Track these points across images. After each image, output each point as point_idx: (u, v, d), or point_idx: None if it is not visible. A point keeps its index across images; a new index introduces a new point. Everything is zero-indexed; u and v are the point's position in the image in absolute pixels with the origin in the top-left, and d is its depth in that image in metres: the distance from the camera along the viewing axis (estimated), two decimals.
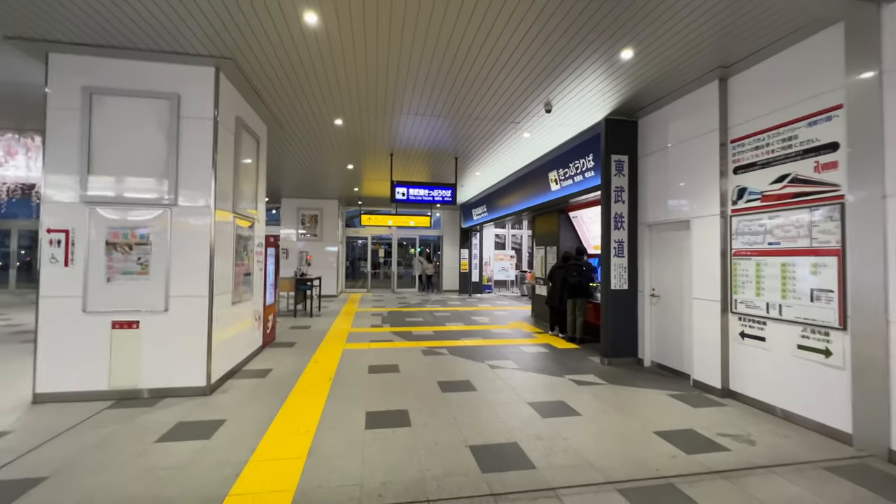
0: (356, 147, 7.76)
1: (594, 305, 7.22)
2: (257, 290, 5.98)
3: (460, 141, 7.29)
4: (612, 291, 5.75)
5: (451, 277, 16.79)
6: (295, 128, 6.65)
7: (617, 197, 5.79)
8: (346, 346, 6.71)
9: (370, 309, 11.29)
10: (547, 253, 8.79)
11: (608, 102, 5.43)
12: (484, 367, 5.56)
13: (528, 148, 7.50)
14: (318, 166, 9.44)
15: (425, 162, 8.77)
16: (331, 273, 14.35)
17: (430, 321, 9.34)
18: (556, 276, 7.59)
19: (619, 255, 5.79)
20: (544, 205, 8.38)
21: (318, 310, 10.81)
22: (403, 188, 8.11)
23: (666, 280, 5.44)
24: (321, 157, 8.53)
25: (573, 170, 6.91)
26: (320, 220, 14.42)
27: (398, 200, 8.09)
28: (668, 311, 5.40)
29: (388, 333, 7.81)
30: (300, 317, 9.64)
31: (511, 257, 17.24)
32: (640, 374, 5.29)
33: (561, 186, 7.45)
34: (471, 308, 11.77)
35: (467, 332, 8.11)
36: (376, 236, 18.29)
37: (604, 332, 5.83)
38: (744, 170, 4.29)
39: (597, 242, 7.83)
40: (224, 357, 4.75)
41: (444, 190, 8.28)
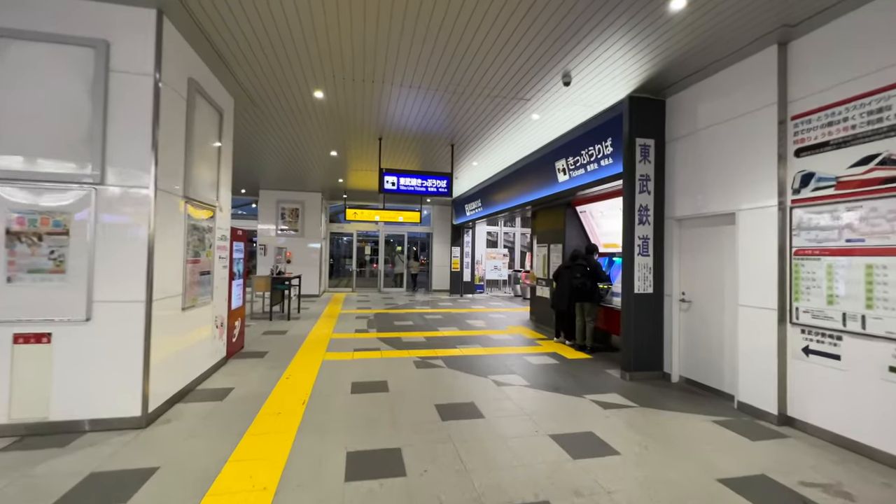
0: (340, 129, 6.84)
1: (606, 310, 6.46)
2: (219, 292, 5.04)
3: (458, 123, 6.43)
4: (635, 296, 4.99)
5: (441, 277, 15.95)
6: (269, 103, 5.70)
7: (642, 187, 5.03)
8: (325, 355, 5.81)
9: (355, 311, 10.37)
10: (550, 251, 8.02)
11: (633, 77, 4.65)
12: (488, 383, 4.74)
13: (533, 133, 6.70)
14: (297, 153, 8.47)
15: (418, 149, 7.89)
16: (313, 271, 13.36)
17: (420, 325, 8.48)
18: (563, 277, 6.81)
19: (644, 254, 5.03)
20: (549, 198, 7.59)
21: (297, 312, 9.84)
22: (393, 177, 7.22)
23: (700, 283, 4.69)
24: (301, 141, 7.58)
25: (586, 157, 6.13)
26: (302, 215, 13.41)
27: (387, 191, 7.21)
28: (702, 319, 4.65)
29: (374, 340, 6.92)
30: (277, 320, 8.68)
31: (504, 256, 16.48)
32: (671, 393, 4.54)
33: (570, 177, 6.67)
34: (464, 310, 10.95)
35: (463, 338, 7.28)
36: (362, 233, 17.34)
37: (625, 341, 5.07)
38: (810, 151, 3.55)
39: (608, 240, 7.08)
40: (170, 376, 3.82)
41: (438, 179, 7.42)
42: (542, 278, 8.37)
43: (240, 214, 20.87)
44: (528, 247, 19.02)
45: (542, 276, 8.36)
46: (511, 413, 3.86)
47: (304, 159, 9.02)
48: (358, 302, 12.25)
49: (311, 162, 9.26)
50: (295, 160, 9.12)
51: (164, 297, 3.61)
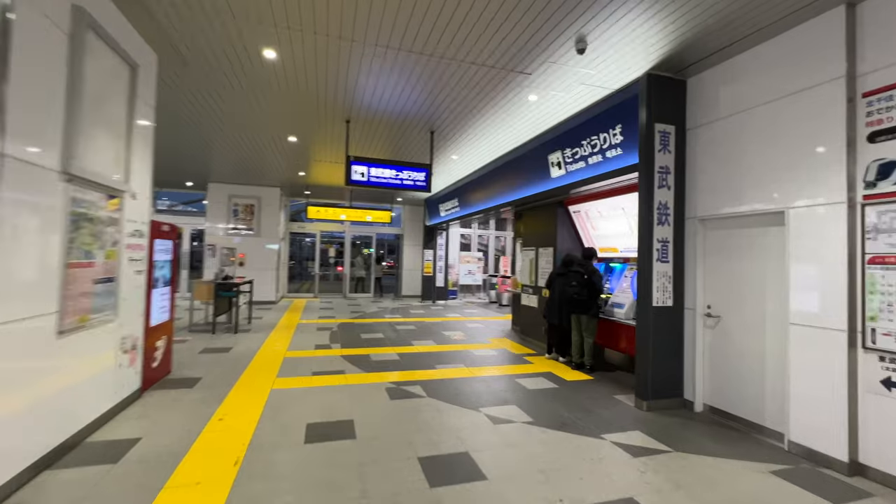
0: (300, 106, 5.72)
1: (604, 323, 5.69)
2: (130, 305, 3.82)
3: (441, 103, 5.49)
4: (654, 309, 4.21)
5: (412, 281, 14.91)
6: (206, 63, 4.53)
7: (661, 181, 4.27)
8: (276, 382, 4.67)
9: (316, 320, 9.16)
10: (539, 255, 7.22)
11: (653, 50, 3.89)
12: (481, 419, 3.79)
13: (527, 119, 5.85)
14: (249, 136, 7.24)
15: (392, 136, 6.88)
16: (269, 275, 11.98)
17: (392, 338, 7.43)
18: (556, 285, 6.00)
19: (664, 260, 4.26)
20: (538, 196, 6.79)
21: (247, 322, 8.53)
22: (363, 167, 6.17)
23: (731, 295, 3.96)
24: (252, 120, 6.38)
25: (587, 148, 5.34)
26: (258, 212, 12.01)
27: (355, 183, 6.15)
28: (734, 337, 3.92)
29: (338, 359, 5.82)
30: (221, 333, 7.37)
31: (479, 260, 15.67)
32: (700, 429, 3.77)
33: (566, 171, 5.88)
34: (438, 319, 9.98)
35: (442, 354, 6.31)
36: (326, 233, 16.04)
37: (641, 364, 4.28)
38: (889, 135, 2.86)
39: (605, 243, 6.34)
40: (33, 429, 2.62)
41: (415, 171, 6.43)
42: (529, 285, 7.56)
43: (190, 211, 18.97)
44: (503, 250, 18.35)
45: (529, 282, 7.54)
46: (518, 469, 2.92)
47: (257, 146, 7.78)
48: (320, 310, 11.01)
49: (266, 150, 8.02)
50: (247, 147, 7.85)
51: (15, 320, 2.42)
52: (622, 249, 6.03)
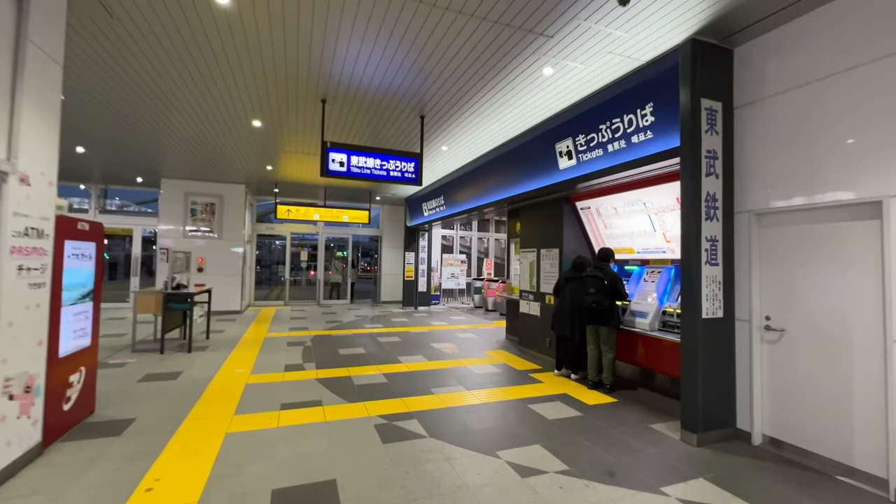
0: (265, 79, 4.74)
1: (627, 335, 4.97)
2: (19, 332, 2.76)
3: (436, 82, 4.63)
4: (703, 322, 3.49)
5: (392, 287, 13.92)
6: (137, 13, 3.50)
7: (709, 168, 3.56)
8: (233, 423, 3.67)
9: (286, 333, 8.08)
10: (541, 257, 6.46)
11: (697, 11, 3.20)
12: (504, 470, 2.95)
13: (534, 102, 5.08)
14: (203, 120, 6.15)
15: (376, 120, 5.96)
16: (233, 282, 10.76)
17: (375, 354, 6.48)
18: (567, 292, 5.25)
19: (713, 263, 3.55)
20: (542, 191, 6.03)
21: (205, 338, 7.37)
22: (342, 154, 5.22)
23: (798, 304, 3.28)
24: (205, 97, 5.32)
25: (607, 134, 4.61)
26: (219, 212, 10.77)
27: (334, 174, 5.19)
28: (804, 354, 3.24)
29: (313, 385, 4.84)
30: (173, 352, 6.22)
31: (462, 262, 14.86)
32: (772, 469, 3.05)
33: (578, 162, 5.13)
34: (423, 328, 9.07)
35: (436, 374, 5.43)
36: (298, 235, 14.83)
37: (689, 389, 3.54)
38: None
39: (618, 243, 5.64)
40: None
41: (404, 161, 5.54)
42: (529, 291, 6.78)
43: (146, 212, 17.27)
44: (486, 252, 17.63)
45: (529, 287, 6.77)
46: None
47: (215, 133, 6.68)
48: (291, 320, 9.89)
49: (226, 137, 6.93)
50: (203, 134, 6.74)
51: None
52: (640, 250, 5.34)
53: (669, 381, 4.79)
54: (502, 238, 17.45)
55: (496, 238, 17.23)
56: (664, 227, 4.87)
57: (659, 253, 5.10)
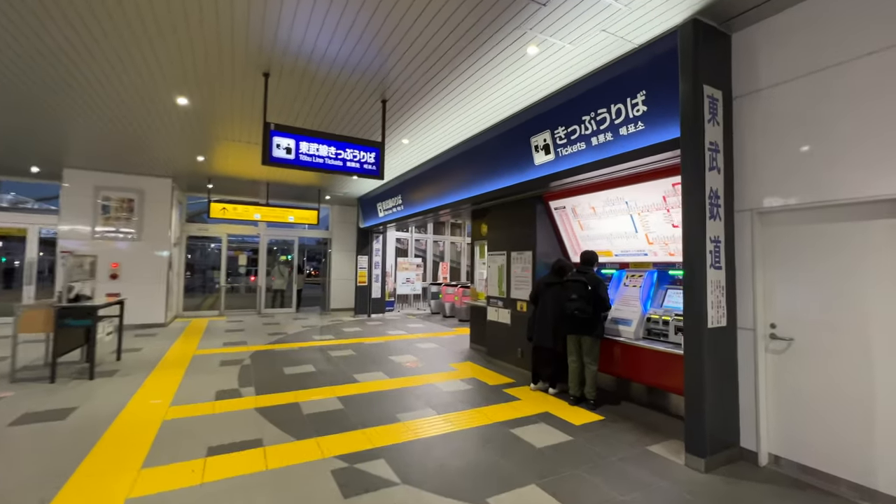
0: (190, 44, 3.84)
1: (608, 345, 4.60)
2: None
3: (402, 58, 4.00)
4: (708, 332, 3.14)
5: (342, 293, 12.94)
6: None
7: (712, 161, 3.24)
8: (138, 481, 2.76)
9: (220, 350, 6.97)
10: (512, 261, 5.99)
11: None
12: None
13: (511, 88, 4.60)
14: (114, 95, 5.03)
15: (330, 102, 5.19)
16: (156, 290, 9.32)
17: (328, 372, 5.66)
18: (547, 298, 4.81)
19: (717, 266, 3.22)
20: (514, 189, 5.57)
21: (115, 359, 6.12)
22: (288, 139, 4.40)
23: (808, 311, 3.01)
24: (113, 64, 4.29)
25: (591, 125, 4.22)
26: (140, 209, 9.29)
27: (279, 162, 4.36)
28: (815, 366, 2.97)
29: (251, 416, 3.98)
30: (69, 380, 5.00)
31: (418, 266, 14.19)
32: (790, 496, 2.73)
33: (557, 156, 4.72)
34: (380, 338, 8.31)
35: (400, 394, 4.75)
36: (237, 237, 13.44)
37: (694, 407, 3.17)
38: None
39: (594, 246, 5.29)
40: None
41: (364, 151, 4.82)
42: (498, 297, 6.29)
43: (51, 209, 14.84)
44: (441, 256, 17.10)
45: (498, 293, 6.28)
46: None
47: (130, 113, 5.54)
48: (227, 333, 8.69)
49: (144, 119, 5.79)
50: (115, 114, 5.56)
51: None
52: (619, 253, 5.03)
53: (650, 391, 4.47)
54: (458, 241, 17.04)
55: (452, 241, 16.78)
56: (647, 228, 4.57)
57: (640, 256, 4.80)
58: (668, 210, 4.27)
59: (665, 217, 4.33)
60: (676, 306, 4.32)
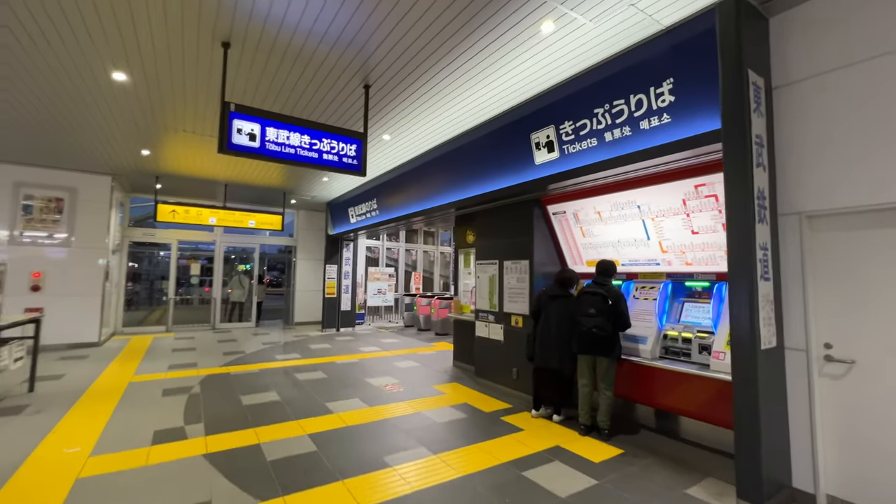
0: (128, 4, 3.05)
1: (624, 365, 4.10)
2: None
3: (391, 33, 3.39)
4: (761, 353, 2.68)
5: (308, 305, 11.97)
6: None
7: (758, 157, 2.82)
8: None
9: (163, 374, 5.94)
10: (505, 271, 5.43)
11: None
12: None
13: (515, 75, 4.08)
14: (32, 69, 4.09)
15: (303, 83, 4.48)
16: (89, 304, 8.06)
17: (294, 401, 4.84)
18: (551, 312, 4.27)
19: (766, 277, 2.79)
20: (508, 192, 5.04)
21: (28, 390, 5.01)
22: (253, 124, 3.65)
23: (875, 329, 2.62)
24: (29, 27, 3.41)
25: (605, 119, 3.76)
26: (71, 210, 8.05)
27: (239, 150, 3.59)
28: (888, 393, 2.57)
29: (197, 467, 3.14)
30: None
31: (390, 276, 13.42)
32: None
33: (562, 154, 4.23)
34: (352, 356, 7.50)
35: (383, 427, 4.04)
36: (189, 244, 12.18)
37: (747, 444, 2.68)
38: None
39: (596, 255, 4.83)
40: None
41: (343, 142, 4.13)
42: (488, 311, 5.71)
43: None
44: (414, 265, 16.40)
45: (489, 307, 5.70)
46: None
47: (55, 92, 4.57)
48: (174, 353, 7.59)
49: (74, 100, 4.83)
50: (35, 93, 4.57)
51: None
52: (627, 262, 4.58)
53: (664, 416, 4.01)
54: (431, 250, 16.44)
55: (425, 250, 16.15)
56: (661, 235, 4.15)
57: (651, 265, 4.38)
58: (687, 214, 3.86)
59: (683, 222, 3.92)
60: (697, 321, 3.90)
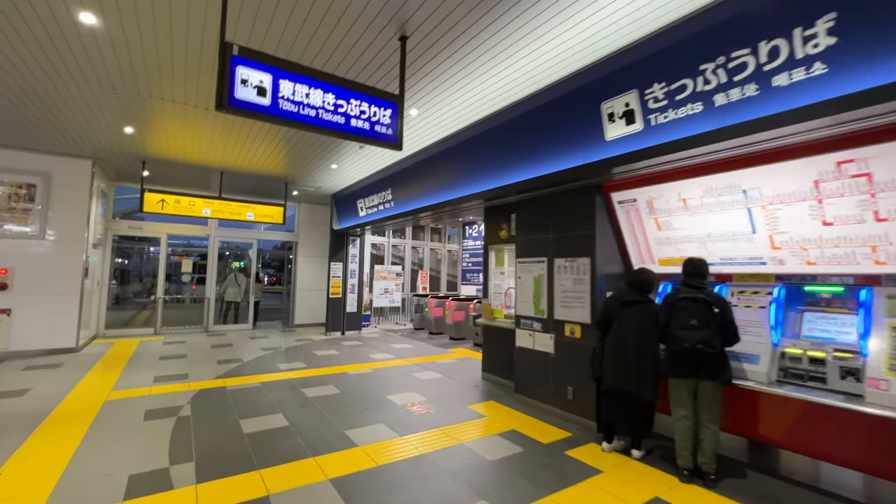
0: None
1: (735, 392, 3.26)
2: None
3: None
4: None
5: (310, 306, 11.07)
6: None
7: None
8: None
9: (147, 389, 5.02)
10: (556, 271, 4.58)
11: None
12: None
13: (585, 28, 3.24)
14: None
15: (322, 30, 3.58)
16: (66, 304, 7.12)
17: (305, 427, 3.95)
18: (626, 322, 3.43)
19: None
20: (565, 176, 4.18)
21: None
22: (262, 73, 2.76)
23: None
24: None
25: (716, 76, 2.90)
26: (45, 199, 7.09)
27: (243, 108, 2.70)
28: None
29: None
30: None
31: (398, 276, 12.54)
32: None
33: (647, 126, 3.37)
34: (365, 366, 6.61)
35: (420, 466, 3.17)
36: (181, 238, 11.21)
37: None
38: None
39: (670, 253, 3.99)
40: None
41: (376, 104, 3.25)
42: (533, 317, 4.85)
43: None
44: (420, 264, 15.52)
45: (534, 313, 4.84)
46: None
47: (10, 40, 3.65)
48: (162, 360, 6.66)
49: (33, 48, 3.90)
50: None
51: None
52: (718, 260, 3.74)
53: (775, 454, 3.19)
54: (438, 247, 15.57)
55: (431, 247, 15.28)
56: (774, 227, 3.31)
57: (753, 265, 3.54)
58: (818, 200, 3.03)
59: (811, 211, 3.08)
60: (828, 337, 3.07)
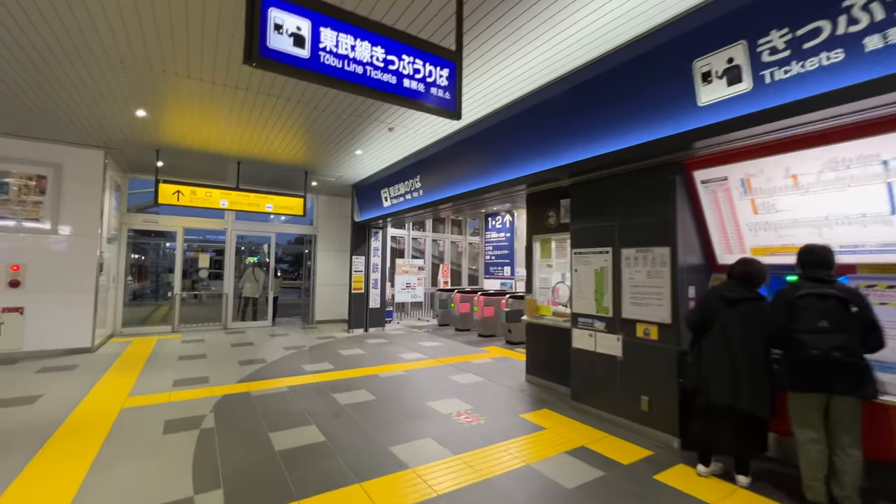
0: None
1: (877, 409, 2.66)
2: None
3: None
4: None
5: (330, 301, 10.65)
6: None
7: None
8: None
9: (167, 395, 4.59)
10: (623, 263, 3.99)
11: None
12: None
13: None
14: None
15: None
16: (80, 301, 6.76)
17: (342, 442, 3.45)
18: (733, 322, 2.84)
19: None
20: (637, 152, 3.58)
21: None
22: (299, 18, 2.22)
23: None
24: None
25: (865, 15, 2.28)
26: (56, 191, 6.71)
27: (277, 60, 2.17)
28: None
29: None
30: None
31: (420, 269, 12.03)
32: None
33: (758, 85, 2.76)
34: (396, 367, 6.11)
35: (485, 497, 2.64)
36: (197, 233, 10.86)
37: None
38: None
39: (782, 239, 3.37)
40: None
41: (431, 62, 2.69)
42: (594, 315, 4.28)
43: None
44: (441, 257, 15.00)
45: (596, 310, 4.27)
46: None
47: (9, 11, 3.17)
48: (181, 361, 6.26)
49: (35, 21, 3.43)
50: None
51: None
52: (838, 248, 3.11)
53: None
54: (459, 240, 15.00)
55: (452, 240, 14.72)
56: None
57: (888, 252, 2.91)
58: None
59: None
60: None
